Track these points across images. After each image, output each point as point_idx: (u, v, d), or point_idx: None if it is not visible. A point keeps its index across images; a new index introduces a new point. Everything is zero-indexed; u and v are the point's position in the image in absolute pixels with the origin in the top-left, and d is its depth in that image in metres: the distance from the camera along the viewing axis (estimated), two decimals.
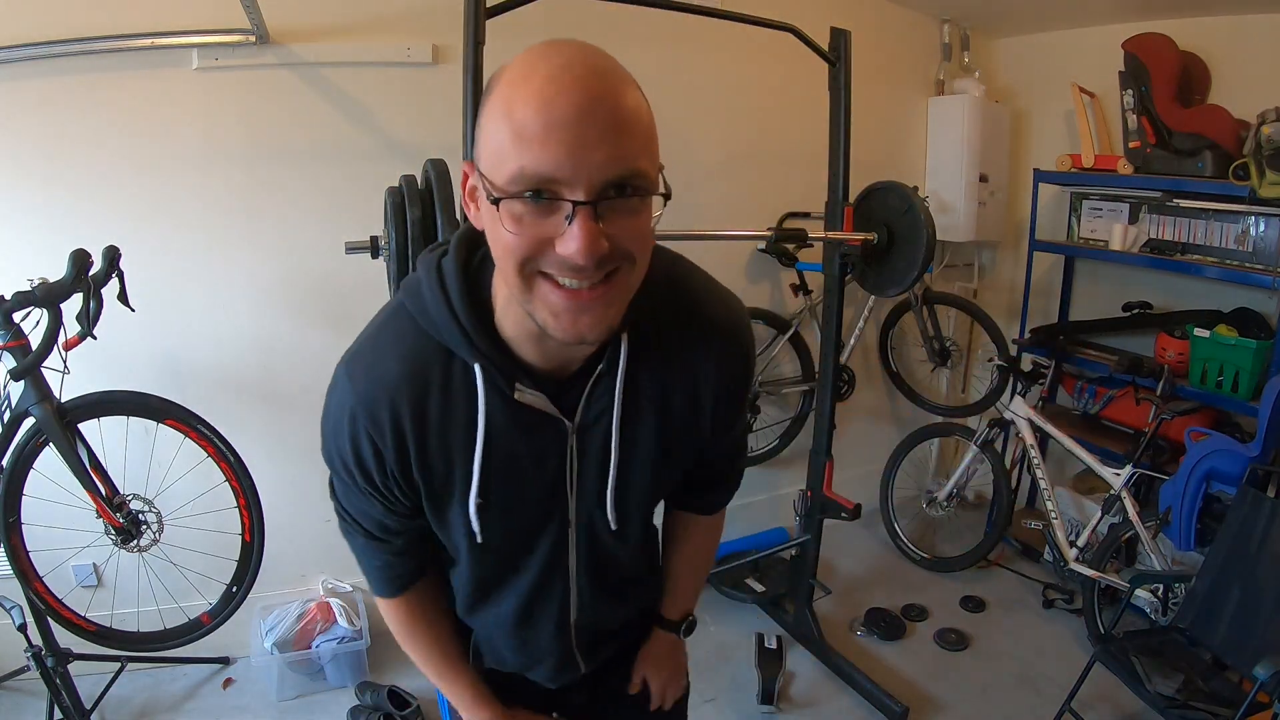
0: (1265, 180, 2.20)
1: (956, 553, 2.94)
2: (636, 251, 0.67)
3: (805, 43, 2.04)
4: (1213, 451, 2.14)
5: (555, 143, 0.60)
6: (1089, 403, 2.87)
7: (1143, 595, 2.35)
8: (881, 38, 2.87)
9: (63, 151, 1.92)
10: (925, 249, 2.08)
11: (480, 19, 1.65)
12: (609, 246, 0.63)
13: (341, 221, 1.89)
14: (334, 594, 2.37)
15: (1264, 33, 2.46)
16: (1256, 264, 2.40)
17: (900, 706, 2.13)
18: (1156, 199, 2.65)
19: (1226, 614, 1.89)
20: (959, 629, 2.56)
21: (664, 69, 2.52)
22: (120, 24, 1.88)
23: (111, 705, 2.07)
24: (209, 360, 2.15)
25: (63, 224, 1.93)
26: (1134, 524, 2.37)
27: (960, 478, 2.95)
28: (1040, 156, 3.07)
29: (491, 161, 0.64)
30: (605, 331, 0.69)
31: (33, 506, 1.78)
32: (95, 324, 1.69)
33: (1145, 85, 2.51)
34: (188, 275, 2.09)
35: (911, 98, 3.12)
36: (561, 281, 0.65)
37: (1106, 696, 2.14)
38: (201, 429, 1.87)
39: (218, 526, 1.94)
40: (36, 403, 1.69)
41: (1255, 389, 2.28)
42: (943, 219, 2.93)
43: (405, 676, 2.27)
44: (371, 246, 1.60)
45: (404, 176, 1.60)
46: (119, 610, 1.99)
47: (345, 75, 2.12)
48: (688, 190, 2.59)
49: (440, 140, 1.81)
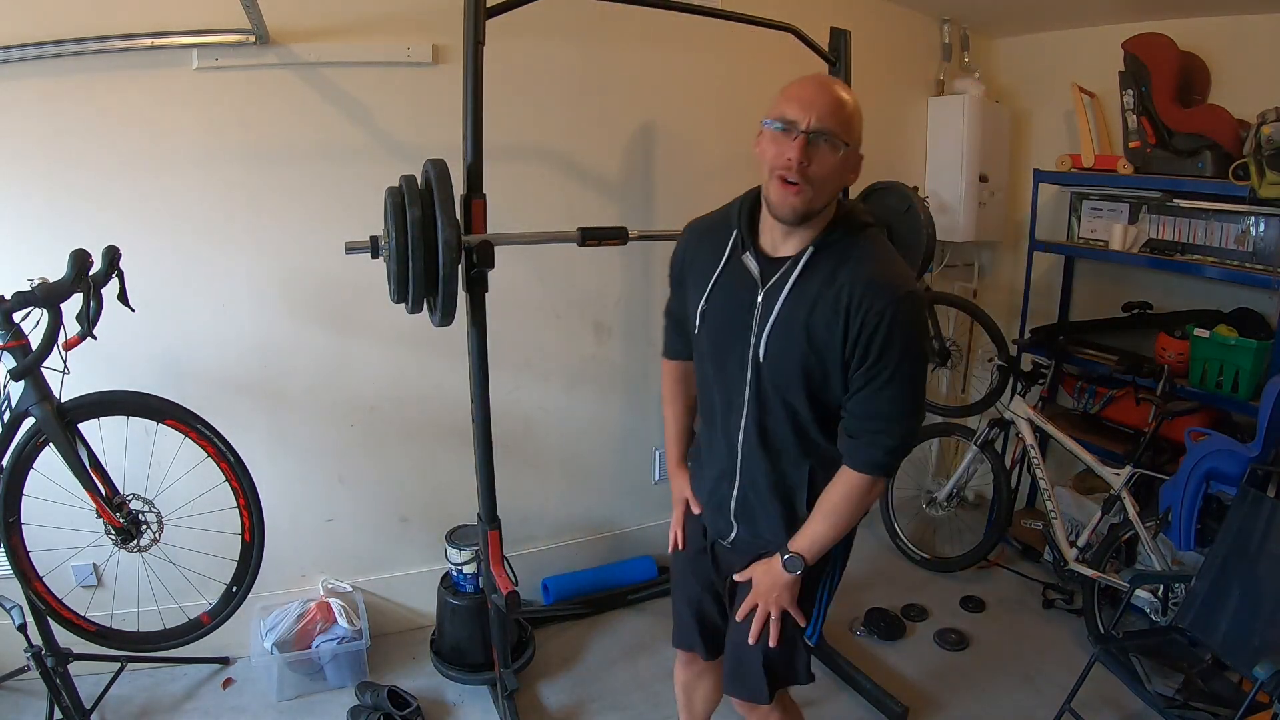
0: (1265, 180, 2.20)
1: (956, 553, 2.94)
2: (822, 175, 1.15)
3: (805, 43, 2.04)
4: (1213, 451, 2.14)
5: (799, 100, 1.15)
6: (1089, 403, 2.87)
7: (1143, 595, 2.35)
8: (881, 38, 2.87)
9: (63, 151, 1.92)
10: (925, 249, 2.08)
11: (480, 19, 1.65)
12: (809, 163, 1.14)
13: (341, 221, 1.88)
14: (334, 594, 2.37)
15: (1264, 33, 2.46)
16: (1256, 264, 2.40)
17: (900, 706, 2.13)
18: (1156, 199, 2.65)
19: (1226, 614, 1.89)
20: (959, 629, 2.56)
21: (664, 69, 2.52)
22: (120, 24, 1.88)
23: (111, 705, 2.07)
24: (209, 360, 2.15)
25: (63, 224, 1.93)
26: (1134, 524, 2.37)
27: (960, 478, 2.95)
28: (1040, 156, 3.07)
29: (769, 112, 1.18)
30: (796, 213, 1.17)
31: (33, 506, 1.77)
32: (95, 324, 1.68)
33: (1145, 85, 2.51)
34: (188, 275, 2.09)
35: (911, 98, 3.12)
36: (787, 176, 1.15)
37: (1106, 696, 2.14)
38: (201, 429, 1.87)
39: (218, 526, 1.94)
40: (36, 403, 1.69)
41: (1255, 389, 2.28)
42: (943, 219, 2.93)
43: (405, 677, 2.28)
44: (371, 246, 1.59)
45: (404, 176, 1.60)
46: (119, 610, 1.98)
47: (345, 75, 2.12)
48: (688, 190, 2.60)
49: (440, 140, 1.81)
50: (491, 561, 1.86)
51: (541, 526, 2.66)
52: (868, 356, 1.17)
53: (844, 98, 1.16)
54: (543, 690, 2.28)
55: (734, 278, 1.28)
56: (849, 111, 1.17)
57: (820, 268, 1.20)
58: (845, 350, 1.18)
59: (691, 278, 1.35)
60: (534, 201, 2.36)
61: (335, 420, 2.33)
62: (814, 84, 1.16)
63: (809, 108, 1.13)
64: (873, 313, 1.15)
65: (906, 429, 1.23)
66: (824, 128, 1.13)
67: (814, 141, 1.13)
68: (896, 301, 1.15)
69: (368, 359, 2.32)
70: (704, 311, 1.31)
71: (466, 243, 1.62)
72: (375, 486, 2.43)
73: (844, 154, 1.16)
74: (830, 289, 1.18)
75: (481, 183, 1.71)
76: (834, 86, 1.17)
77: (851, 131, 1.17)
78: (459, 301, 1.61)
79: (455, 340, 1.87)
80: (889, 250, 1.25)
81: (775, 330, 1.23)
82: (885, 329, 1.15)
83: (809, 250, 1.21)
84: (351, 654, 2.22)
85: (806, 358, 1.21)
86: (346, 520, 2.41)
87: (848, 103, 1.17)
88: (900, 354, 1.17)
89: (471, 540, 2.27)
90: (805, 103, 1.13)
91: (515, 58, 2.20)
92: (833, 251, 1.21)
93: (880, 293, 1.15)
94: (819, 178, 1.15)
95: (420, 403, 2.40)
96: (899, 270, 1.21)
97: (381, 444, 2.39)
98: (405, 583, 2.50)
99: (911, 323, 1.18)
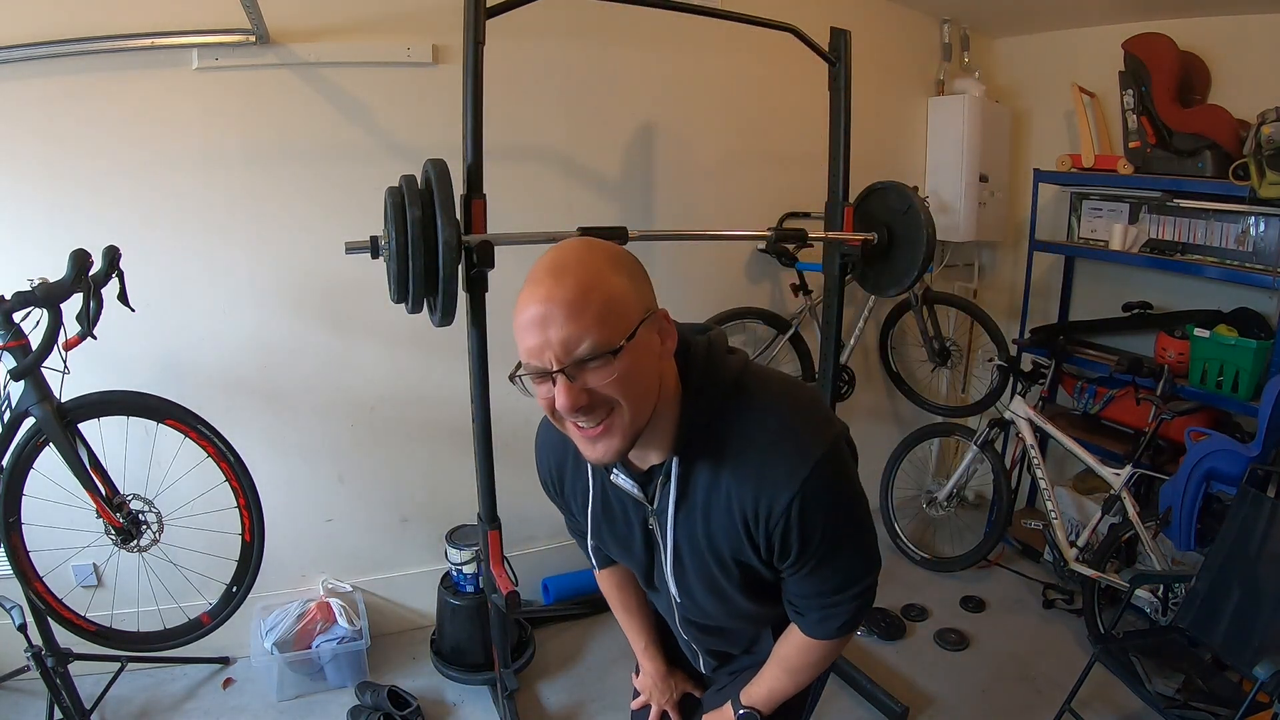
0: (1265, 180, 2.20)
1: (956, 553, 2.94)
2: (618, 395, 0.84)
3: (805, 43, 2.04)
4: (1213, 451, 2.14)
5: (530, 335, 0.83)
6: (1089, 403, 2.87)
7: (1143, 595, 2.34)
8: (881, 38, 2.87)
9: (63, 151, 1.92)
10: (925, 249, 2.08)
11: (480, 19, 1.65)
12: (588, 398, 0.83)
13: (341, 221, 1.88)
14: (334, 594, 2.37)
15: (1264, 33, 2.46)
16: (1256, 264, 2.40)
17: (900, 706, 2.13)
18: (1156, 199, 2.65)
19: (1226, 614, 1.89)
20: (959, 629, 2.56)
21: (664, 69, 2.52)
22: (120, 24, 1.88)
23: (111, 705, 2.07)
24: (209, 360, 2.15)
25: (63, 224, 1.93)
26: (1134, 524, 2.37)
27: (960, 478, 2.95)
28: (1040, 156, 3.07)
29: (520, 347, 0.85)
30: (618, 455, 0.89)
31: (33, 506, 1.77)
32: (95, 324, 1.68)
33: (1145, 85, 2.51)
34: (188, 275, 2.09)
35: (911, 98, 3.12)
36: (576, 422, 0.87)
37: (1106, 696, 2.14)
38: (201, 429, 1.87)
39: (218, 526, 1.94)
40: (36, 403, 1.69)
41: (1255, 389, 2.28)
42: (943, 219, 2.93)
43: (405, 676, 2.28)
44: (371, 246, 1.59)
45: (404, 176, 1.60)
46: (119, 610, 1.98)
47: (345, 75, 2.12)
48: (688, 190, 2.60)
49: (440, 140, 1.81)
50: (491, 561, 1.86)
51: (541, 526, 2.66)
52: (788, 554, 0.94)
53: (577, 294, 0.80)
54: (543, 690, 2.28)
55: (616, 502, 1.06)
56: (596, 302, 0.81)
57: (698, 474, 0.95)
58: (761, 555, 0.96)
59: (574, 504, 1.13)
60: (534, 201, 2.36)
61: (335, 420, 2.33)
62: (539, 295, 0.81)
63: (543, 341, 0.81)
64: (774, 517, 0.90)
65: (860, 594, 1.01)
66: (575, 355, 0.81)
67: (575, 370, 0.82)
68: (799, 492, 0.89)
69: (368, 359, 2.32)
70: (596, 547, 1.17)
71: (466, 243, 1.62)
72: (375, 486, 2.43)
73: (626, 353, 0.82)
74: (717, 495, 0.94)
75: (481, 183, 1.71)
76: (563, 283, 0.81)
77: (617, 325, 0.82)
78: (459, 301, 1.61)
79: (455, 340, 1.87)
80: (769, 408, 0.93)
81: (677, 557, 1.03)
82: (797, 527, 0.91)
83: (673, 463, 0.95)
84: (351, 654, 2.22)
85: (723, 571, 1.00)
86: (346, 520, 2.41)
87: (590, 290, 0.81)
88: (826, 536, 0.93)
89: (471, 540, 2.27)
90: (537, 333, 0.81)
91: (515, 58, 2.20)
92: (703, 449, 0.94)
93: (776, 491, 0.89)
94: (615, 397, 0.84)
95: (420, 403, 2.40)
96: (789, 439, 0.91)
97: (381, 444, 2.39)
98: (405, 583, 2.50)
99: (830, 500, 0.92)
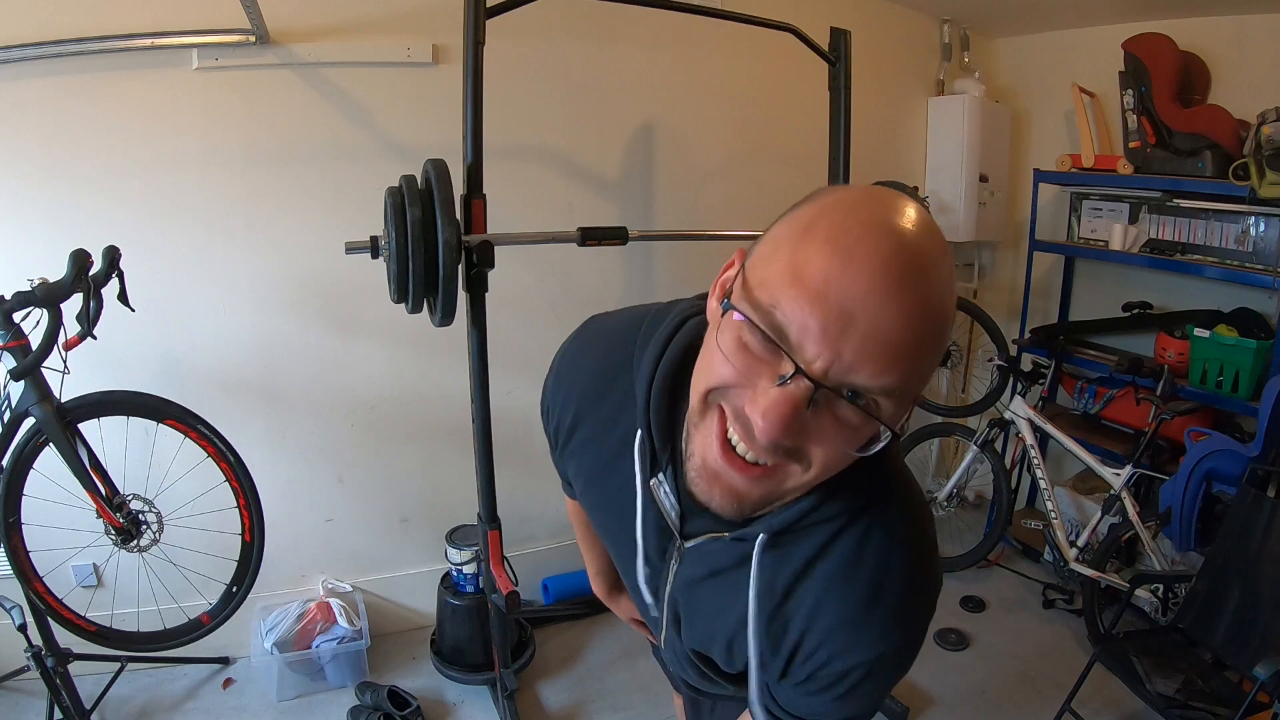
0: (1265, 180, 2.20)
1: (956, 553, 2.93)
2: (828, 451, 0.57)
3: (805, 43, 2.04)
4: (1213, 451, 2.14)
5: (822, 311, 0.51)
6: (1089, 403, 2.87)
7: (1143, 595, 2.34)
8: (881, 38, 2.87)
9: (63, 151, 1.92)
10: None
11: (480, 19, 1.65)
12: (800, 437, 0.56)
13: (341, 221, 1.88)
14: (334, 594, 2.37)
15: (1264, 33, 2.46)
16: (1256, 264, 2.40)
17: (900, 706, 2.13)
18: (1156, 199, 2.65)
19: (1226, 614, 1.89)
20: (959, 629, 2.56)
21: (664, 69, 2.52)
22: (120, 24, 1.88)
23: (111, 705, 2.07)
24: (209, 360, 2.15)
25: (63, 224, 1.93)
26: (1134, 524, 2.37)
27: (960, 478, 2.95)
28: (1040, 156, 3.07)
29: (757, 276, 0.55)
30: (733, 512, 0.63)
31: (33, 506, 1.77)
32: (95, 324, 1.68)
33: (1145, 85, 2.51)
34: (188, 275, 2.09)
35: (911, 98, 3.12)
36: (729, 433, 0.58)
37: (1106, 696, 2.14)
38: (201, 429, 1.87)
39: (218, 526, 1.94)
40: (36, 403, 1.69)
41: (1255, 389, 2.28)
42: (943, 219, 2.93)
43: (405, 676, 2.27)
44: (371, 246, 1.60)
45: (404, 176, 1.61)
46: (119, 610, 1.98)
47: (345, 75, 2.12)
48: (688, 190, 2.60)
49: (440, 140, 1.81)
50: (491, 561, 1.86)
51: (541, 526, 2.66)
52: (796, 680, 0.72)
53: (921, 321, 0.53)
54: (543, 690, 2.28)
55: (642, 509, 0.74)
56: (932, 344, 0.55)
57: (768, 560, 0.67)
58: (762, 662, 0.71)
59: (573, 466, 0.84)
60: (534, 201, 2.36)
61: (335, 420, 2.33)
62: (860, 284, 0.52)
63: (824, 338, 0.52)
64: (828, 671, 0.68)
65: None
66: (855, 384, 0.54)
67: (825, 401, 0.55)
68: (873, 660, 0.67)
69: (368, 359, 2.32)
70: (603, 526, 0.86)
71: (466, 243, 1.62)
72: (375, 486, 2.42)
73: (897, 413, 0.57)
74: (770, 600, 0.68)
75: (481, 183, 1.71)
76: (908, 289, 0.53)
77: (923, 378, 0.57)
78: (459, 301, 1.61)
79: (455, 340, 1.87)
80: (901, 542, 0.67)
81: (686, 616, 0.78)
82: (843, 686, 0.69)
83: (759, 538, 0.66)
84: (351, 654, 2.22)
85: (723, 658, 0.79)
86: (346, 520, 2.41)
87: (938, 327, 0.55)
88: (844, 700, 0.71)
89: (471, 540, 2.27)
90: (824, 317, 0.52)
91: (515, 58, 2.20)
92: (799, 540, 0.67)
93: (852, 642, 0.66)
94: (812, 459, 0.58)
95: (420, 403, 2.40)
96: (898, 600, 0.66)
97: (381, 444, 2.39)
98: (405, 583, 2.50)
99: (884, 684, 0.71)
